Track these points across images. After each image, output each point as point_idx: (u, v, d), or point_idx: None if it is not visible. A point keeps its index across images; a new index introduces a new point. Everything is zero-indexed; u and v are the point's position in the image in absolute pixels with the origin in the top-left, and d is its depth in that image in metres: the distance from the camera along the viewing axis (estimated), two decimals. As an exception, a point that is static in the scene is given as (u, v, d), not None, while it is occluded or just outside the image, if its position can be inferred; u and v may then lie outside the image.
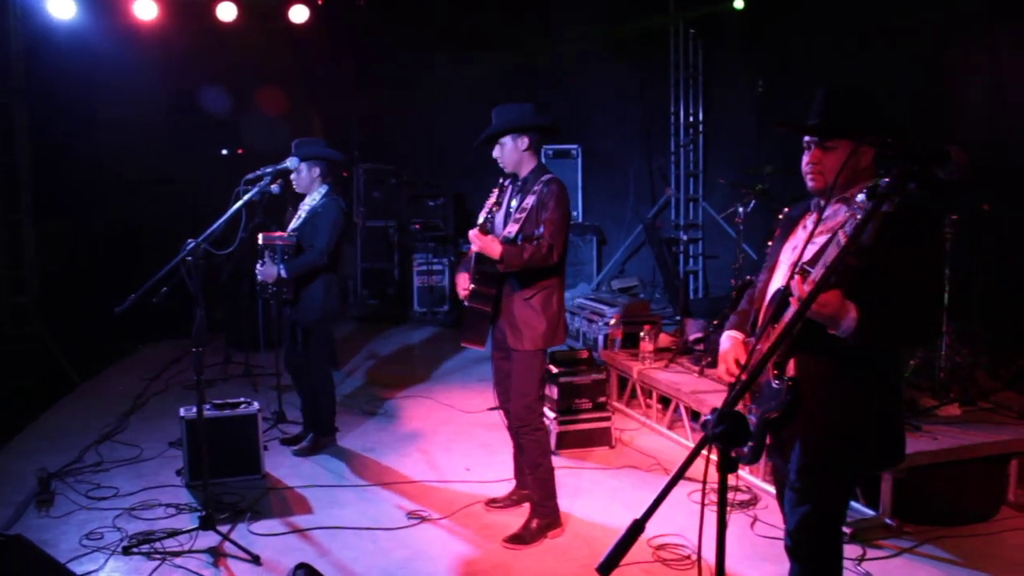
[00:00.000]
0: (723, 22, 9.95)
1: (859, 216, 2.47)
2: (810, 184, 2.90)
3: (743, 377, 2.35)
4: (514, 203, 4.45)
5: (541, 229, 4.22)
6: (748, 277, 6.39)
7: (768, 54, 9.21)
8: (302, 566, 3.62)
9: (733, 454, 2.03)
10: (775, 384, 2.81)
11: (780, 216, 5.93)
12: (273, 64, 9.99)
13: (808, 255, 2.78)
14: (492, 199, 4.56)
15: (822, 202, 2.93)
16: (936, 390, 5.30)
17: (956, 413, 5.11)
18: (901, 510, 4.56)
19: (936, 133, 6.54)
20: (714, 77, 10.68)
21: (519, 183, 4.48)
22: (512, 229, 4.32)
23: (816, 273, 2.58)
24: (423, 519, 4.77)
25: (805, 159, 2.90)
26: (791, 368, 2.80)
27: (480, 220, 4.48)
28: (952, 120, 6.64)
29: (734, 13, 9.34)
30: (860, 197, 2.48)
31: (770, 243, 6.08)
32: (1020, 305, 5.67)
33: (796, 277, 2.61)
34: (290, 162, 5.07)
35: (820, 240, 2.79)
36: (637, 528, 1.97)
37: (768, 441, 2.96)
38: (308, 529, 4.63)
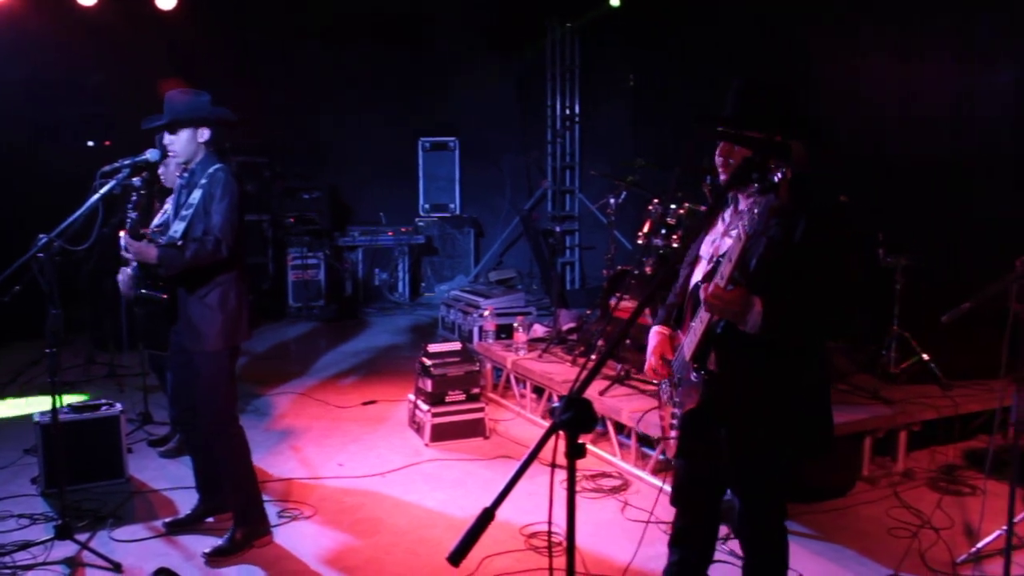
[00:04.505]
0: (600, 19, 10.10)
1: (756, 211, 2.54)
2: (721, 177, 2.91)
3: (588, 368, 2.36)
4: (183, 199, 4.23)
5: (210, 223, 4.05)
6: (619, 267, 6.50)
7: (642, 50, 9.40)
8: (161, 571, 3.52)
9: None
10: (694, 377, 2.86)
11: (650, 208, 6.09)
12: (141, 52, 9.58)
13: (724, 248, 2.82)
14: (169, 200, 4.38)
15: (739, 196, 2.92)
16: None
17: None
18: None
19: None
20: (591, 71, 10.84)
21: (185, 176, 4.27)
22: (179, 228, 4.11)
23: (724, 268, 2.63)
24: (294, 517, 4.70)
25: (717, 152, 2.91)
26: (712, 361, 2.84)
27: (155, 224, 4.34)
28: (824, 111, 6.71)
29: (612, 10, 9.48)
30: (754, 188, 2.56)
31: (640, 234, 6.17)
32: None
33: (703, 285, 2.71)
34: (150, 154, 4.86)
35: (735, 232, 2.84)
36: (487, 516, 1.98)
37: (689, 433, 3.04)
38: (174, 532, 4.50)
